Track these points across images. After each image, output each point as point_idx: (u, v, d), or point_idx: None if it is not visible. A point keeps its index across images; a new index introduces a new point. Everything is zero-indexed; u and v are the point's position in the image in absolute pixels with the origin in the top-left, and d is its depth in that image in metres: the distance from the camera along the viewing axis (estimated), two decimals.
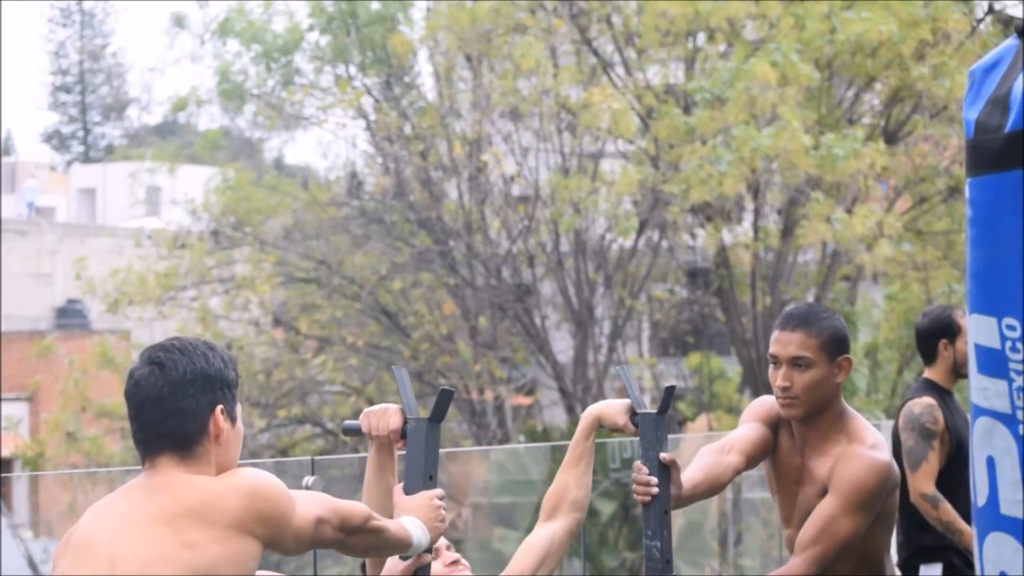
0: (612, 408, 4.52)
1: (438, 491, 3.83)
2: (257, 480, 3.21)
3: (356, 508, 3.46)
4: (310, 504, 3.32)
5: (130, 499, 3.19)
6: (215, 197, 21.38)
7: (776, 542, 13.64)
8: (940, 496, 5.77)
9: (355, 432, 4.01)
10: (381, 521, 3.55)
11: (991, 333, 3.17)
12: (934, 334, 6.11)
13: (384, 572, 3.83)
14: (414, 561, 3.78)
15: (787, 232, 18.75)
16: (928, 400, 5.94)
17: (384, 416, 3.96)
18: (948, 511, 5.81)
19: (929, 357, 6.12)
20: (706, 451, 4.62)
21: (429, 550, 3.80)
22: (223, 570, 3.11)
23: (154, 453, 3.22)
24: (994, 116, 3.14)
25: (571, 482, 4.40)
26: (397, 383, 3.96)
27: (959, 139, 17.00)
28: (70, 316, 32.55)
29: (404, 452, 3.95)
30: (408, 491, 3.83)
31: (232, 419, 3.29)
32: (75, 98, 57.94)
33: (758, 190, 18.43)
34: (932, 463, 5.84)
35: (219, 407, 3.25)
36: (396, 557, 3.79)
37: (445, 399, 3.88)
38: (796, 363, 4.52)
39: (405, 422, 3.92)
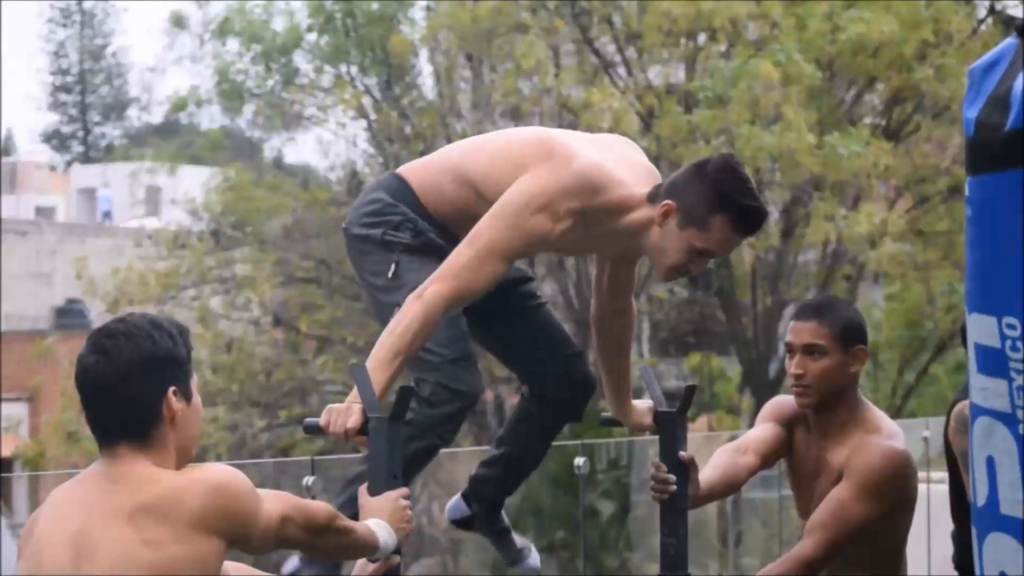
0: (637, 409, 4.59)
1: (403, 491, 3.79)
2: (222, 477, 3.12)
3: (322, 508, 3.41)
4: (275, 502, 3.25)
5: (92, 490, 3.13)
6: (215, 197, 21.38)
7: (776, 542, 13.63)
8: None
9: (316, 430, 3.98)
10: (347, 522, 3.50)
11: (991, 333, 3.17)
12: None
13: (353, 574, 3.80)
14: (382, 563, 3.74)
15: (788, 232, 18.75)
16: None
17: (344, 414, 3.92)
18: None
19: None
20: (722, 451, 4.67)
21: (398, 551, 3.75)
22: (184, 570, 3.04)
23: (111, 441, 3.16)
24: (994, 115, 3.14)
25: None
26: (356, 382, 3.90)
27: (960, 139, 16.99)
28: (70, 316, 32.53)
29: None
30: (372, 492, 3.79)
31: (187, 396, 3.19)
32: (75, 98, 57.95)
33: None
34: None
35: (171, 389, 3.16)
36: (364, 560, 3.75)
37: (405, 396, 3.86)
38: (810, 351, 4.56)
39: (367, 421, 3.89)
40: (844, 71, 18.38)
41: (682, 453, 4.43)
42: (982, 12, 18.59)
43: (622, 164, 4.22)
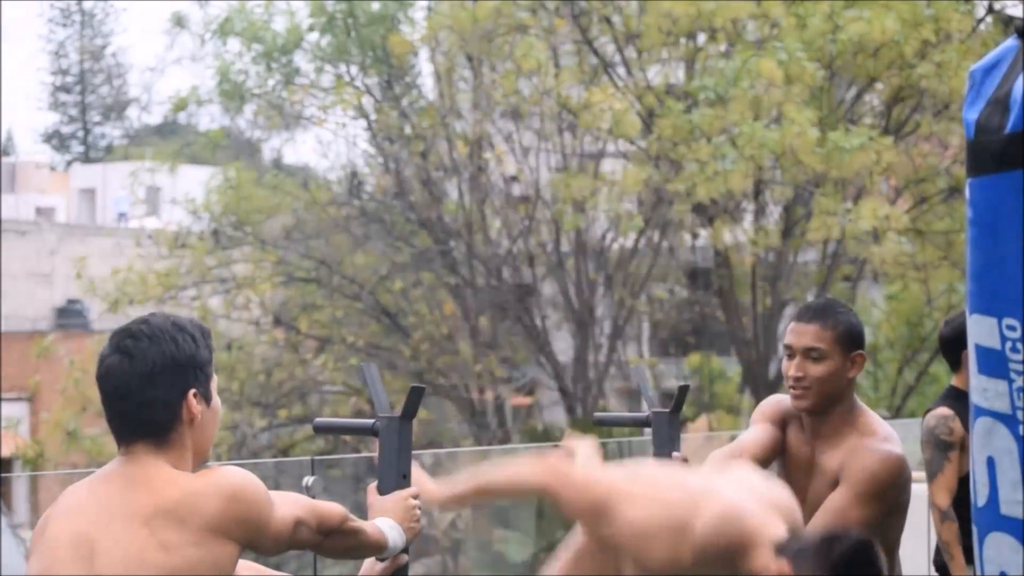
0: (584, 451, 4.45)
1: (413, 490, 3.79)
2: (237, 482, 3.14)
3: (333, 508, 3.42)
4: (288, 505, 3.27)
5: (110, 490, 3.13)
6: (215, 197, 21.37)
7: None
8: (952, 515, 5.72)
9: (327, 430, 3.99)
10: (357, 522, 3.51)
11: (991, 333, 3.18)
12: (958, 343, 6.03)
13: (361, 573, 3.80)
14: (391, 563, 3.74)
15: (788, 232, 18.74)
16: (942, 411, 5.88)
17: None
18: (951, 531, 5.78)
19: (954, 365, 6.08)
20: (717, 456, 4.66)
21: (406, 550, 3.75)
22: (199, 572, 3.06)
23: (129, 440, 3.17)
24: (994, 117, 3.15)
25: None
26: (367, 380, 3.92)
27: (960, 138, 16.99)
28: (70, 316, 32.54)
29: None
30: (382, 491, 3.79)
31: (207, 398, 3.21)
32: (75, 98, 57.95)
33: (760, 190, 18.43)
34: (948, 475, 5.81)
35: (192, 391, 3.17)
36: (373, 559, 3.75)
37: (416, 396, 3.86)
38: (810, 354, 4.55)
39: (376, 420, 3.90)
40: (844, 71, 18.37)
41: (675, 454, 4.42)
42: (981, 11, 18.57)
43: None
